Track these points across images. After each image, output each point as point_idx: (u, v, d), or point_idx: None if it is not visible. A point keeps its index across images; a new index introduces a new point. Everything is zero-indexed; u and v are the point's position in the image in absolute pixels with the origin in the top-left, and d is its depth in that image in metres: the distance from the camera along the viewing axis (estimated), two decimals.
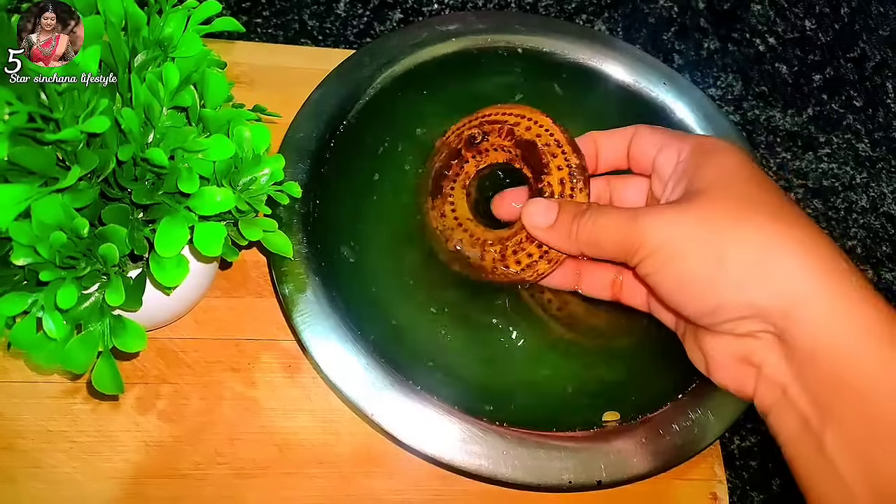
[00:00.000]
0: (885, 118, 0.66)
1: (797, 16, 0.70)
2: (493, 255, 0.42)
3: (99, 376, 0.32)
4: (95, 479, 0.39)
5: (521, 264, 0.41)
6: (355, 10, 0.60)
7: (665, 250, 0.33)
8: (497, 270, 0.42)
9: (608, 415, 0.42)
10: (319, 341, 0.40)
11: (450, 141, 0.46)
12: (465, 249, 0.44)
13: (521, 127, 0.43)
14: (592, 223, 0.37)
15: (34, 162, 0.29)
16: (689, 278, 0.33)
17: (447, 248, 0.44)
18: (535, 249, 0.41)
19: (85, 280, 0.31)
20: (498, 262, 0.42)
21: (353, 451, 0.42)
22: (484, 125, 0.44)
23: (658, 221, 0.34)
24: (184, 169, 0.32)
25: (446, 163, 0.46)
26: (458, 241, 0.44)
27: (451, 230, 0.44)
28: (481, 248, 0.43)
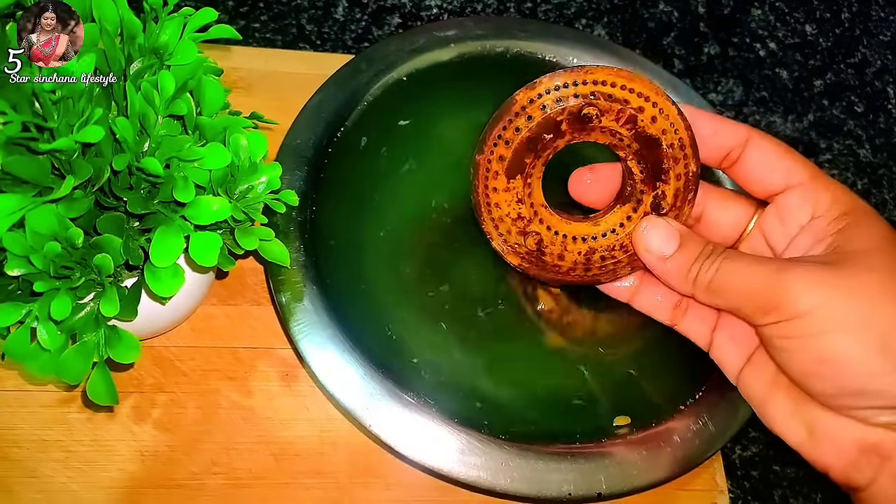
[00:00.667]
0: (886, 124, 0.66)
1: (798, 21, 0.70)
2: (576, 257, 0.38)
3: (94, 387, 0.32)
4: (91, 489, 0.39)
5: (606, 269, 0.38)
6: (353, 14, 0.60)
7: (815, 318, 0.30)
8: (574, 272, 0.38)
9: (619, 419, 0.41)
10: (317, 351, 0.39)
11: (545, 105, 0.36)
12: (544, 245, 0.38)
13: (646, 116, 0.35)
14: (720, 270, 0.33)
15: (28, 171, 0.29)
16: (838, 355, 0.29)
17: (513, 240, 0.39)
18: (625, 257, 0.38)
19: (79, 290, 0.31)
20: (579, 265, 0.38)
21: (351, 462, 0.42)
22: (599, 99, 0.35)
23: (811, 282, 0.30)
24: (179, 178, 0.31)
25: (538, 134, 0.36)
26: (535, 233, 0.38)
27: (527, 220, 0.38)
28: (562, 246, 0.38)
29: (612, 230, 0.38)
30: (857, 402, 0.30)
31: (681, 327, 0.40)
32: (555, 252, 0.39)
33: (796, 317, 0.30)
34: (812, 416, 0.33)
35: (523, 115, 0.36)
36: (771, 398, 0.35)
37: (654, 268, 0.36)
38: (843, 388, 0.30)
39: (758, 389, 0.36)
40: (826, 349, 0.30)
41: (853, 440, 0.32)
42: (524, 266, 0.39)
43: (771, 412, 0.35)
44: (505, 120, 0.36)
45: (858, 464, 0.32)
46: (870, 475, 0.31)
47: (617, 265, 0.38)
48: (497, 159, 0.37)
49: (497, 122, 0.37)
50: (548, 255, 0.39)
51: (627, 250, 0.38)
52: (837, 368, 0.30)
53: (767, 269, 0.31)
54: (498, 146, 0.37)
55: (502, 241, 0.39)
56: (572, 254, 0.38)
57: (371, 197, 0.46)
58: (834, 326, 0.29)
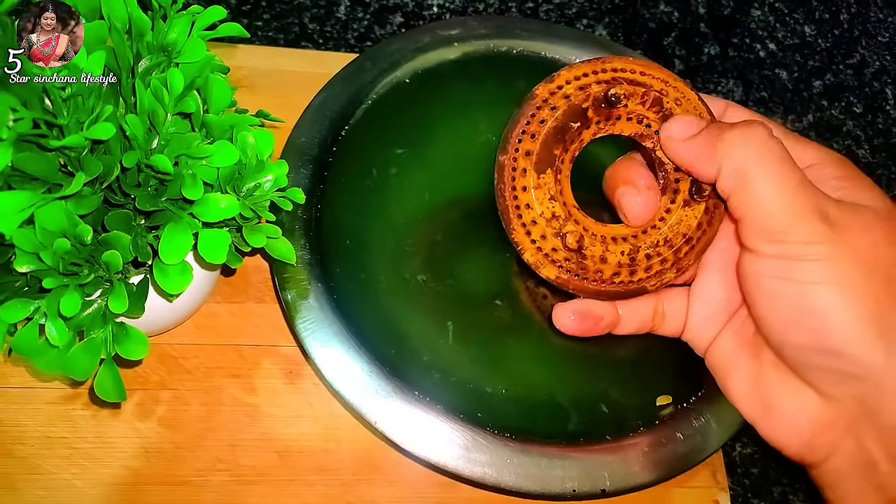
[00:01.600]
0: (884, 124, 0.66)
1: (797, 21, 0.70)
2: (619, 258, 0.35)
3: (101, 384, 0.32)
4: (95, 486, 0.39)
5: (652, 272, 0.36)
6: (356, 13, 0.60)
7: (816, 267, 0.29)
8: (618, 277, 0.36)
9: (661, 399, 0.42)
10: (322, 348, 0.39)
11: (569, 95, 0.35)
12: (585, 246, 0.35)
13: (670, 98, 0.35)
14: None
15: (38, 168, 0.29)
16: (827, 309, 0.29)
17: (549, 245, 0.35)
18: (670, 254, 0.36)
19: (88, 287, 0.31)
20: (624, 267, 0.35)
21: (355, 459, 0.42)
22: (620, 83, 0.35)
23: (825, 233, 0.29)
24: (188, 175, 0.31)
25: (564, 123, 0.35)
26: (573, 232, 0.35)
27: (562, 219, 0.35)
28: (603, 247, 0.35)
29: (654, 226, 0.36)
30: (827, 363, 0.30)
31: (662, 330, 0.39)
32: (596, 254, 0.36)
33: (800, 259, 0.29)
34: (769, 391, 0.33)
35: (546, 107, 0.35)
36: (732, 371, 0.35)
37: (679, 150, 0.34)
38: (819, 343, 0.30)
39: (722, 361, 0.36)
40: (817, 300, 0.29)
41: (808, 418, 0.32)
42: (562, 279, 0.36)
43: (731, 385, 0.35)
44: (527, 115, 0.35)
45: (812, 443, 0.32)
46: (823, 454, 0.32)
47: (664, 265, 0.36)
48: (524, 155, 0.35)
49: (519, 118, 0.35)
50: (589, 259, 0.35)
51: (673, 245, 0.36)
52: (822, 322, 0.29)
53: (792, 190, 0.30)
54: (523, 142, 0.35)
55: (536, 250, 0.36)
56: (615, 254, 0.36)
57: (376, 195, 0.46)
58: (831, 280, 0.29)
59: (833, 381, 0.30)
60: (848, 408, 0.30)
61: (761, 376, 0.34)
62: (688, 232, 0.36)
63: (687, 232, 0.36)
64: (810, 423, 0.32)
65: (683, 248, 0.36)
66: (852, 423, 0.30)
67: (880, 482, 0.30)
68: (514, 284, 0.44)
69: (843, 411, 0.31)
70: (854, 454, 0.31)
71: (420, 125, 0.49)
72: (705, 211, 0.36)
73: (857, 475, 0.31)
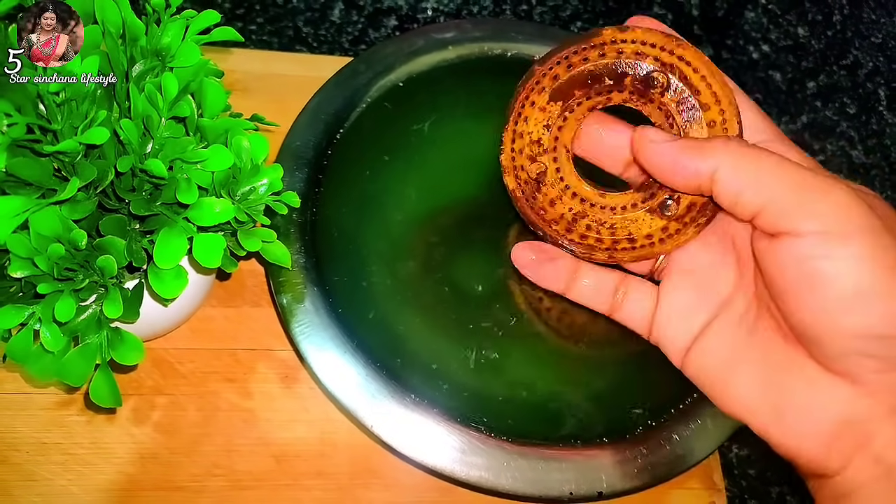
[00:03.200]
0: (878, 125, 0.66)
1: (790, 23, 0.70)
2: (565, 212, 0.37)
3: (96, 389, 0.32)
4: (90, 492, 0.39)
5: (584, 242, 0.37)
6: (350, 17, 0.60)
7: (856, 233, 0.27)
8: (555, 226, 0.37)
9: None
10: (318, 352, 0.39)
11: (623, 51, 0.34)
12: (545, 182, 0.37)
13: (707, 117, 0.34)
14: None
15: (32, 173, 0.29)
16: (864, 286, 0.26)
17: (520, 161, 0.37)
18: (608, 239, 0.36)
19: (82, 292, 0.31)
20: (563, 221, 0.37)
21: (351, 463, 0.42)
22: (674, 74, 0.34)
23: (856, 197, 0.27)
24: (182, 180, 0.31)
25: (601, 74, 0.35)
26: (542, 164, 0.37)
27: (542, 148, 0.37)
28: (560, 193, 0.37)
29: (612, 207, 0.37)
30: (875, 348, 0.27)
31: (620, 317, 0.38)
32: (550, 195, 0.37)
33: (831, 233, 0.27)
34: (783, 392, 0.30)
35: (598, 50, 0.35)
36: (734, 371, 0.32)
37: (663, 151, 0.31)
38: (868, 325, 0.27)
39: (716, 363, 0.33)
40: (859, 278, 0.27)
41: (834, 414, 0.29)
42: (516, 195, 0.38)
43: (733, 388, 0.32)
44: (580, 45, 0.35)
45: (834, 444, 0.29)
46: (845, 457, 0.28)
47: (597, 243, 0.37)
48: (551, 77, 0.36)
49: (571, 44, 0.35)
50: (542, 194, 0.37)
51: (614, 234, 0.36)
52: (869, 302, 0.26)
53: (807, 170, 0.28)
54: (560, 65, 0.35)
55: (510, 158, 0.38)
56: (564, 206, 0.37)
57: (371, 198, 0.46)
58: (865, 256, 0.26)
59: (876, 368, 0.27)
60: (886, 399, 0.28)
61: (773, 378, 0.31)
62: (635, 234, 0.36)
63: (634, 233, 0.36)
64: (835, 421, 0.29)
65: (623, 244, 0.36)
66: (888, 419, 0.28)
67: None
68: (510, 287, 0.44)
69: (879, 403, 0.28)
70: (881, 457, 0.28)
71: (415, 128, 0.48)
72: (662, 229, 0.36)
73: (883, 483, 0.28)
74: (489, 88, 0.51)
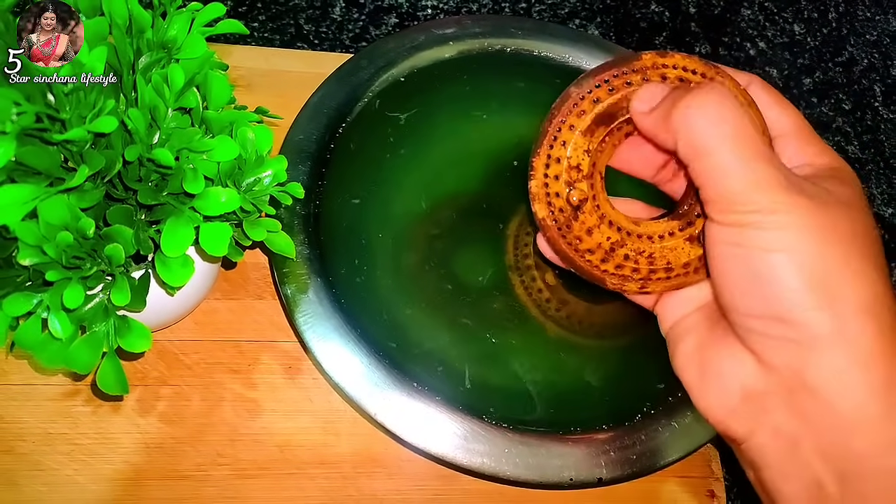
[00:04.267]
0: (873, 121, 0.67)
1: (786, 20, 0.71)
2: (602, 241, 0.35)
3: (104, 377, 0.32)
4: (96, 481, 0.39)
5: (620, 272, 0.36)
6: (351, 14, 0.60)
7: (772, 236, 0.28)
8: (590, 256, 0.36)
9: None
10: (322, 342, 0.40)
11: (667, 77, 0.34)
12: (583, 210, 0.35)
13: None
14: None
15: (41, 162, 0.29)
16: (777, 277, 0.28)
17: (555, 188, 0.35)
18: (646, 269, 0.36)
19: (90, 280, 0.31)
20: (600, 251, 0.36)
21: (354, 452, 0.42)
22: None
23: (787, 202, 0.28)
24: (189, 170, 0.32)
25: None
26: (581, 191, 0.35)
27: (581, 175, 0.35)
28: (597, 221, 0.35)
29: (649, 236, 0.36)
30: (772, 329, 0.29)
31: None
32: (588, 223, 0.35)
33: (754, 227, 0.29)
34: (709, 356, 0.32)
35: (640, 74, 0.34)
36: (683, 338, 0.35)
37: (642, 123, 0.33)
38: (767, 309, 0.29)
39: (678, 333, 0.36)
40: (768, 267, 0.29)
41: (740, 383, 0.31)
42: (546, 223, 0.36)
43: (678, 351, 0.35)
44: (621, 69, 0.34)
45: (738, 411, 0.31)
46: (748, 426, 0.31)
47: (633, 273, 0.36)
48: (591, 100, 0.34)
49: (611, 67, 0.34)
50: (579, 222, 0.35)
51: (653, 263, 0.36)
52: (771, 289, 0.29)
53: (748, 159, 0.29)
54: (601, 88, 0.34)
55: (542, 184, 0.35)
56: (602, 234, 0.36)
57: (373, 191, 0.46)
58: (784, 248, 0.28)
59: (774, 346, 0.30)
60: (783, 377, 0.30)
61: (707, 343, 0.33)
62: (673, 263, 0.36)
63: (672, 262, 0.36)
64: (740, 389, 0.31)
65: (659, 273, 0.36)
66: (784, 395, 0.30)
67: (806, 461, 0.29)
68: (511, 278, 0.45)
69: (777, 380, 0.30)
70: (779, 430, 0.30)
71: (416, 123, 0.49)
72: (699, 257, 0.35)
73: (782, 453, 0.30)
74: (489, 84, 0.52)
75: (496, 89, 0.51)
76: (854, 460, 0.28)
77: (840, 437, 0.28)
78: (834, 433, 0.29)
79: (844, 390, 0.28)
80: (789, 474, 0.30)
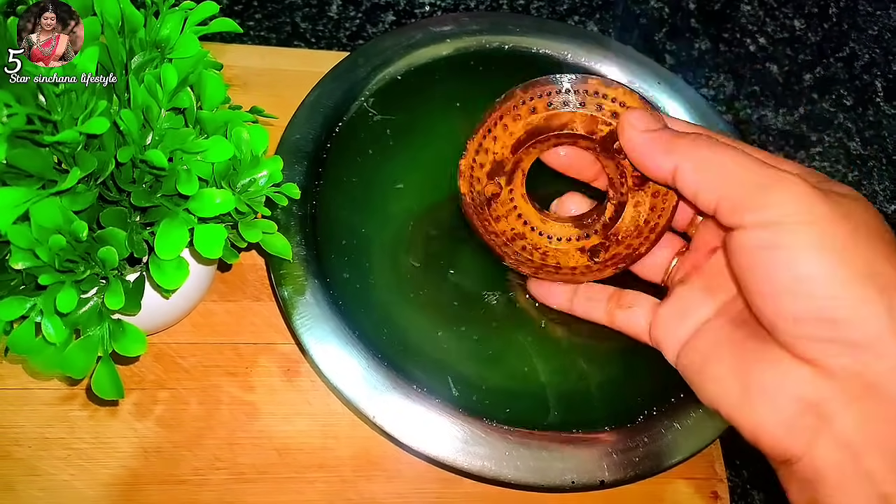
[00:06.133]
0: (875, 116, 0.66)
1: (786, 16, 0.71)
2: (506, 229, 0.40)
3: (99, 381, 0.32)
4: (94, 486, 0.39)
5: (518, 258, 0.40)
6: (347, 12, 0.60)
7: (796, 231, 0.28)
8: (495, 238, 0.40)
9: None
10: (319, 344, 0.39)
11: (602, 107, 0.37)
12: (497, 200, 0.40)
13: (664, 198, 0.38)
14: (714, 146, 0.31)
15: (32, 164, 0.29)
16: (815, 273, 0.27)
17: (478, 180, 0.39)
18: (539, 262, 0.40)
19: (84, 284, 0.31)
20: (504, 237, 0.40)
21: (354, 455, 0.42)
22: None
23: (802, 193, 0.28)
24: (182, 171, 0.31)
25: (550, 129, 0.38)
26: (497, 184, 0.40)
27: (502, 170, 0.39)
28: (507, 212, 0.40)
29: (549, 235, 0.40)
30: (825, 332, 0.28)
31: (617, 321, 0.40)
32: (498, 212, 0.40)
33: (784, 223, 0.28)
34: (752, 373, 0.31)
35: (580, 97, 0.36)
36: (710, 361, 0.33)
37: (638, 140, 0.33)
38: (814, 310, 0.28)
39: (698, 357, 0.34)
40: (806, 265, 0.27)
41: (793, 395, 0.29)
42: (465, 200, 0.40)
43: (708, 375, 0.33)
44: (563, 87, 0.37)
45: (795, 425, 0.29)
46: (806, 440, 0.28)
47: (527, 261, 0.40)
48: (529, 108, 0.37)
49: (555, 83, 0.37)
50: (491, 209, 0.40)
51: (544, 260, 0.40)
52: (813, 287, 0.27)
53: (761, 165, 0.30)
54: (542, 99, 0.37)
55: (469, 166, 0.39)
56: (507, 224, 0.40)
57: (371, 191, 0.46)
58: (818, 243, 0.27)
59: (829, 350, 0.28)
60: (843, 382, 0.28)
61: (743, 363, 0.31)
62: (562, 264, 0.41)
63: (562, 263, 0.41)
64: (796, 401, 0.29)
65: (549, 268, 0.40)
66: (846, 401, 0.28)
67: (869, 473, 0.27)
68: (510, 278, 0.44)
69: (837, 386, 0.28)
70: (841, 440, 0.28)
71: (413, 121, 0.49)
72: (586, 266, 0.40)
73: (843, 466, 0.28)
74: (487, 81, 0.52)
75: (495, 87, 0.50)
76: None
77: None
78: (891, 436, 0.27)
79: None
80: (851, 489, 0.28)
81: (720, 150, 0.31)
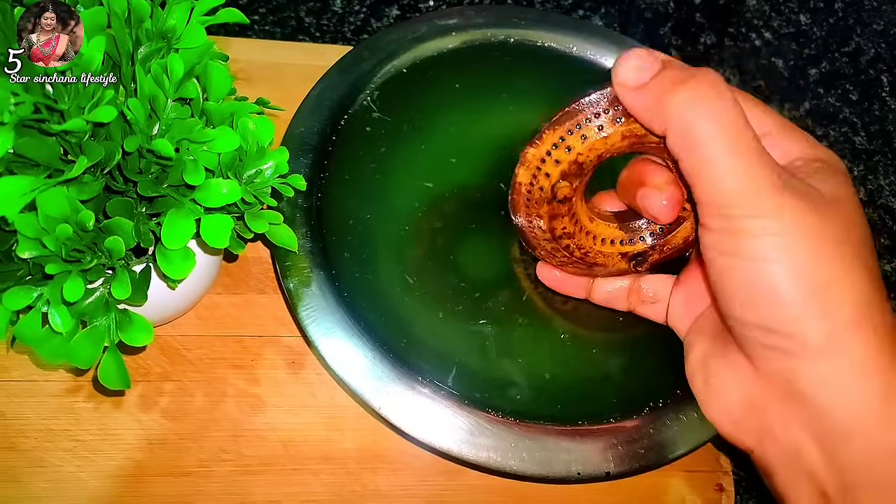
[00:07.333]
0: (880, 111, 0.66)
1: (792, 10, 0.70)
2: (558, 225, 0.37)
3: (105, 371, 0.32)
4: (99, 478, 0.39)
5: (555, 249, 0.38)
6: (352, 6, 0.60)
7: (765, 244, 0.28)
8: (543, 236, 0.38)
9: None
10: (325, 336, 0.39)
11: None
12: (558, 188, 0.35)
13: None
14: None
15: (39, 153, 0.29)
16: (772, 287, 0.28)
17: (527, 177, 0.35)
18: (579, 257, 0.39)
19: (90, 273, 0.31)
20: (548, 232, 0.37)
21: (359, 447, 0.42)
22: None
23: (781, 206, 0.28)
24: (189, 161, 0.31)
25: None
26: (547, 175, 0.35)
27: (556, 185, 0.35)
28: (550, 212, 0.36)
29: (594, 235, 0.39)
30: (767, 338, 0.29)
31: (639, 311, 0.41)
32: (556, 211, 0.37)
33: (746, 234, 0.28)
34: (713, 366, 0.33)
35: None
36: (693, 346, 0.36)
37: (629, 102, 0.31)
38: (762, 319, 0.29)
39: (691, 339, 0.37)
40: (763, 277, 0.28)
41: (740, 394, 0.31)
42: (520, 188, 0.36)
43: (688, 359, 0.36)
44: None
45: (742, 424, 0.32)
46: (754, 437, 0.31)
47: (563, 257, 0.39)
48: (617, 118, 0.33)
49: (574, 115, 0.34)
50: (549, 207, 0.36)
51: (585, 259, 0.39)
52: (766, 300, 0.28)
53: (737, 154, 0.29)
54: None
55: (540, 158, 0.35)
56: (559, 224, 0.37)
57: (376, 183, 0.46)
58: (778, 258, 0.28)
59: (767, 355, 0.30)
60: (776, 386, 0.30)
61: (711, 352, 0.34)
62: (599, 263, 0.40)
63: (599, 263, 0.40)
64: (741, 400, 0.31)
65: (581, 264, 0.40)
66: (781, 404, 0.30)
67: (810, 470, 0.29)
68: (515, 270, 0.44)
69: (773, 390, 0.30)
70: (781, 438, 0.30)
71: (418, 114, 0.49)
72: (622, 270, 0.40)
73: (786, 461, 0.30)
74: (493, 74, 0.52)
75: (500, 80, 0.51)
76: (853, 468, 0.28)
77: (838, 445, 0.28)
78: (832, 441, 0.28)
79: (838, 399, 0.28)
80: (795, 482, 0.30)
81: (713, 123, 0.28)
